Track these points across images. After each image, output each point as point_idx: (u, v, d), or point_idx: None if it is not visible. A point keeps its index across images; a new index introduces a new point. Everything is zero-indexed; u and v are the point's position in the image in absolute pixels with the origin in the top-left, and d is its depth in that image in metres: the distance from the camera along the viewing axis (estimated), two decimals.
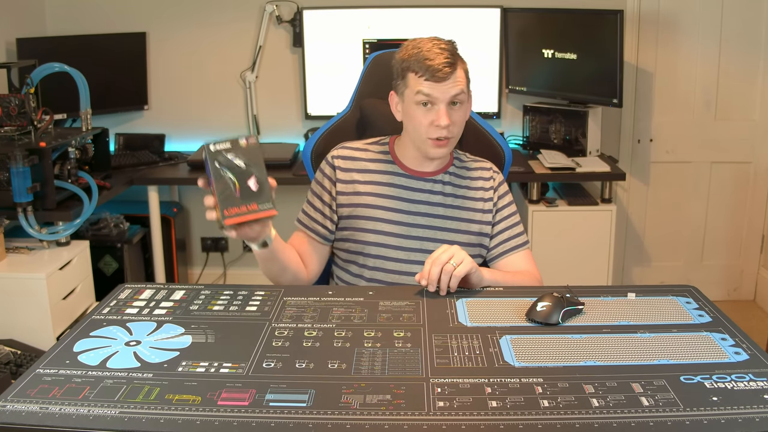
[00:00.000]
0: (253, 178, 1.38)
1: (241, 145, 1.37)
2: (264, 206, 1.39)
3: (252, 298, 1.49)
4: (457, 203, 1.72)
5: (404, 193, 1.71)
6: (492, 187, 1.74)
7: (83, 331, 1.34)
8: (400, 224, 1.70)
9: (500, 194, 1.75)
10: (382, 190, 1.71)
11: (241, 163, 1.37)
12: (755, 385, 1.11)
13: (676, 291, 1.50)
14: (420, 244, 1.69)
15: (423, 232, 1.70)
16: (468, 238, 1.71)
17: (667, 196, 3.64)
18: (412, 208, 1.70)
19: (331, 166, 1.74)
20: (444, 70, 1.57)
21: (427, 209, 1.71)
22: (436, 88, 1.58)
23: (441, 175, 1.73)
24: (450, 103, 1.60)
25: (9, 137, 2.54)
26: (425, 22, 3.37)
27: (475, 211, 1.72)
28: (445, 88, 1.58)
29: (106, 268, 3.12)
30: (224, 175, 1.37)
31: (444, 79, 1.57)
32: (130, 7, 3.48)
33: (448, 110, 1.59)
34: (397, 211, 1.70)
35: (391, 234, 1.70)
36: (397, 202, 1.70)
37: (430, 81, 1.57)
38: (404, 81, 1.63)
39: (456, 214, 1.72)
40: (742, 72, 3.46)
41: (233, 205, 1.38)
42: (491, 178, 1.75)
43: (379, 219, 1.70)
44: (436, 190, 1.71)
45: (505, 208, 1.75)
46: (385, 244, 1.69)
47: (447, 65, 1.57)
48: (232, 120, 3.60)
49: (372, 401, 1.08)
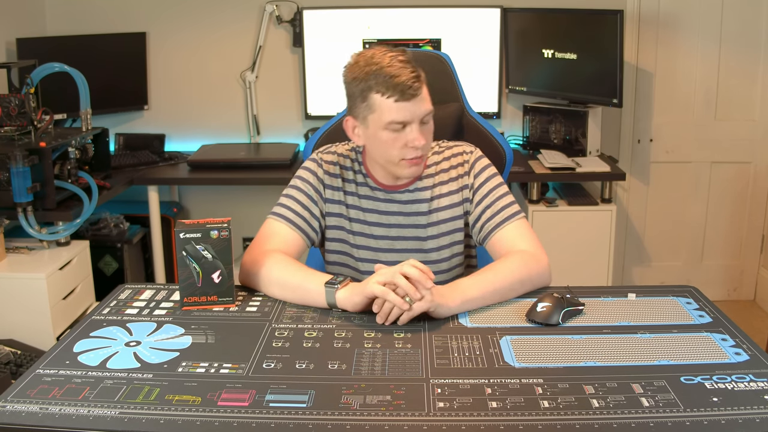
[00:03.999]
0: (218, 272, 1.43)
1: (211, 237, 1.40)
2: (224, 300, 1.45)
3: (252, 299, 1.49)
4: (434, 206, 1.64)
5: (382, 206, 1.65)
6: (466, 172, 1.65)
7: (83, 331, 1.34)
8: (384, 239, 1.66)
9: (476, 173, 1.64)
10: (363, 204, 1.65)
11: (208, 255, 1.41)
12: (755, 385, 1.11)
13: (676, 291, 1.50)
14: (409, 257, 1.66)
15: (409, 244, 1.66)
16: (458, 236, 1.67)
17: (667, 196, 3.64)
18: (392, 220, 1.65)
19: (321, 169, 1.66)
20: (414, 86, 1.46)
21: (407, 221, 1.65)
22: (407, 109, 1.47)
23: (415, 183, 1.64)
24: (421, 122, 1.50)
25: (9, 137, 2.54)
26: (425, 22, 3.37)
27: (454, 206, 1.65)
28: (416, 107, 1.48)
29: (106, 268, 3.12)
30: (189, 264, 1.41)
31: (414, 95, 1.47)
32: (130, 7, 3.48)
33: (421, 128, 1.51)
34: (380, 226, 1.65)
35: (379, 249, 1.66)
36: (378, 216, 1.65)
37: (401, 101, 1.46)
38: (367, 104, 1.50)
39: (437, 218, 1.65)
40: (742, 72, 3.46)
41: (193, 294, 1.44)
42: (465, 162, 1.65)
43: (366, 235, 1.66)
44: (410, 200, 1.64)
45: (483, 186, 1.63)
46: (376, 260, 1.64)
47: (414, 79, 1.46)
48: (232, 120, 3.60)
49: (372, 402, 1.08)
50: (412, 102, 1.48)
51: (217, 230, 1.40)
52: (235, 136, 3.62)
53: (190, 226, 1.40)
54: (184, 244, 1.40)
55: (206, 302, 1.44)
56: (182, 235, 1.40)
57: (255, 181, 3.18)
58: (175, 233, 1.40)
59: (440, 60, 1.93)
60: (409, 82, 1.46)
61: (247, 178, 3.16)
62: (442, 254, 1.67)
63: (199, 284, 1.43)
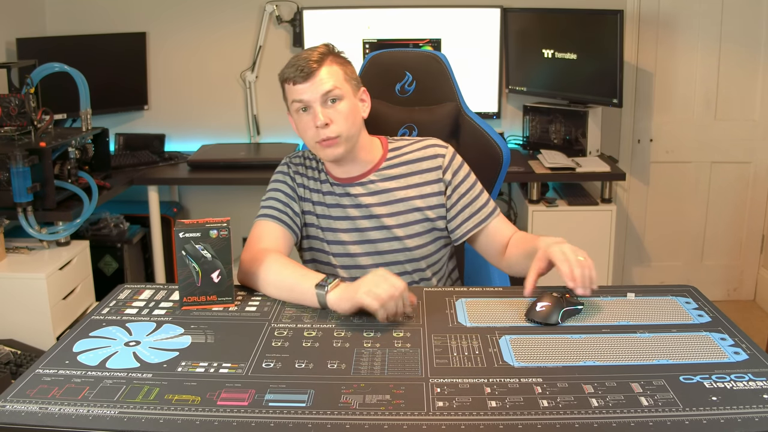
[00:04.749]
0: (217, 271, 1.42)
1: (211, 236, 1.40)
2: (223, 299, 1.45)
3: (251, 299, 1.49)
4: (399, 196, 1.67)
5: (343, 200, 1.68)
6: (440, 167, 1.67)
7: (83, 331, 1.34)
8: (351, 231, 1.68)
9: (454, 170, 1.68)
10: (327, 200, 1.69)
11: (208, 254, 1.41)
12: (755, 384, 1.11)
13: (676, 291, 1.50)
14: (374, 247, 1.68)
15: (374, 235, 1.67)
16: (423, 226, 1.68)
17: (667, 196, 3.64)
18: (356, 213, 1.67)
19: (292, 170, 1.72)
20: (310, 65, 1.54)
21: (368, 212, 1.67)
22: (305, 89, 1.55)
23: (371, 175, 1.67)
24: (324, 102, 1.56)
25: (9, 137, 2.54)
26: (425, 22, 3.37)
27: (422, 197, 1.67)
28: (314, 86, 1.55)
29: (106, 268, 3.12)
30: (189, 263, 1.41)
31: (311, 75, 1.54)
32: (130, 7, 3.48)
33: (325, 109, 1.56)
34: (344, 219, 1.68)
35: (349, 242, 1.68)
36: (342, 210, 1.68)
37: (299, 82, 1.55)
38: (285, 94, 1.61)
39: (401, 208, 1.67)
40: (742, 72, 3.46)
41: (192, 294, 1.44)
42: (438, 156, 1.68)
43: (333, 229, 1.69)
44: (370, 192, 1.67)
45: (461, 184, 1.68)
46: (348, 254, 1.68)
47: (314, 62, 1.54)
48: (232, 120, 3.60)
49: (371, 401, 1.08)
50: (309, 82, 1.55)
51: (216, 230, 1.40)
52: (235, 136, 3.62)
53: (189, 226, 1.40)
54: (183, 244, 1.40)
55: (206, 302, 1.44)
56: (182, 234, 1.40)
57: (255, 181, 3.17)
58: (175, 233, 1.40)
59: (437, 60, 1.93)
60: (306, 63, 1.54)
61: (247, 178, 3.17)
62: (416, 241, 1.68)
63: (199, 284, 1.43)
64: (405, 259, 1.69)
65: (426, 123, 1.89)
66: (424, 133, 1.87)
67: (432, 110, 1.92)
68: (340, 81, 1.57)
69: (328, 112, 1.56)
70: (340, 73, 1.58)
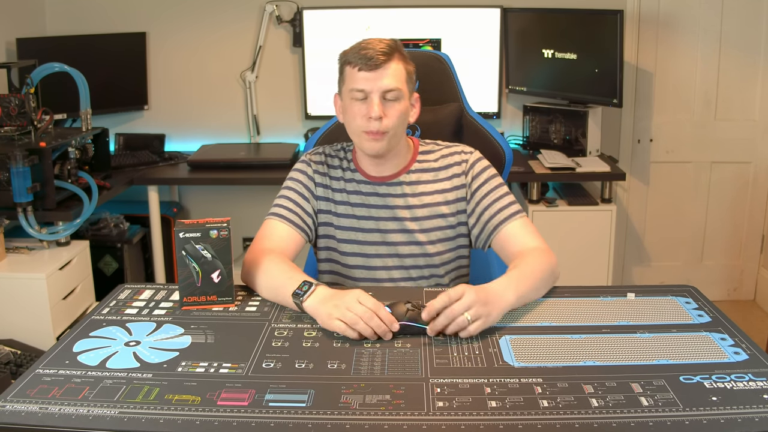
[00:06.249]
0: (218, 271, 1.43)
1: (211, 236, 1.41)
2: (223, 300, 1.45)
3: (251, 299, 1.49)
4: (425, 201, 1.67)
5: (370, 200, 1.67)
6: (463, 172, 1.68)
7: (83, 331, 1.34)
8: (373, 232, 1.67)
9: (474, 174, 1.68)
10: (352, 199, 1.68)
11: (208, 254, 1.41)
12: (755, 384, 1.11)
13: (676, 291, 1.50)
14: (395, 250, 1.67)
15: (396, 237, 1.67)
16: (445, 233, 1.68)
17: (667, 196, 3.64)
18: (382, 214, 1.67)
19: (311, 168, 1.70)
20: (378, 57, 1.53)
21: (393, 213, 1.67)
22: (369, 79, 1.54)
23: (403, 176, 1.68)
24: (384, 97, 1.55)
25: (9, 137, 2.54)
26: (425, 22, 3.37)
27: (447, 203, 1.68)
28: (378, 79, 1.54)
29: (106, 268, 3.12)
30: (189, 264, 1.41)
31: (377, 67, 1.53)
32: (130, 7, 3.48)
33: (383, 103, 1.55)
34: (368, 219, 1.67)
35: (366, 243, 1.68)
36: (367, 210, 1.67)
37: (364, 70, 1.54)
38: (342, 77, 1.60)
39: (426, 213, 1.67)
40: (742, 72, 3.46)
41: (192, 294, 1.44)
42: (462, 162, 1.69)
43: (354, 228, 1.68)
44: (397, 193, 1.67)
45: (481, 187, 1.66)
46: (363, 254, 1.68)
47: (382, 54, 1.54)
48: (232, 120, 3.60)
49: (371, 401, 1.08)
50: (375, 73, 1.54)
51: (216, 230, 1.40)
52: (235, 136, 3.62)
53: (189, 226, 1.40)
54: (183, 244, 1.40)
55: (206, 302, 1.44)
56: (182, 234, 1.40)
57: (255, 181, 3.18)
58: (175, 233, 1.40)
59: (440, 60, 1.93)
60: (375, 54, 1.53)
61: (247, 178, 3.17)
62: (438, 248, 1.68)
63: (199, 284, 1.43)
64: (424, 264, 1.68)
65: (429, 123, 1.89)
66: (427, 134, 1.87)
67: (435, 111, 1.92)
68: (402, 81, 1.58)
69: (384, 107, 1.56)
70: (404, 73, 1.58)
